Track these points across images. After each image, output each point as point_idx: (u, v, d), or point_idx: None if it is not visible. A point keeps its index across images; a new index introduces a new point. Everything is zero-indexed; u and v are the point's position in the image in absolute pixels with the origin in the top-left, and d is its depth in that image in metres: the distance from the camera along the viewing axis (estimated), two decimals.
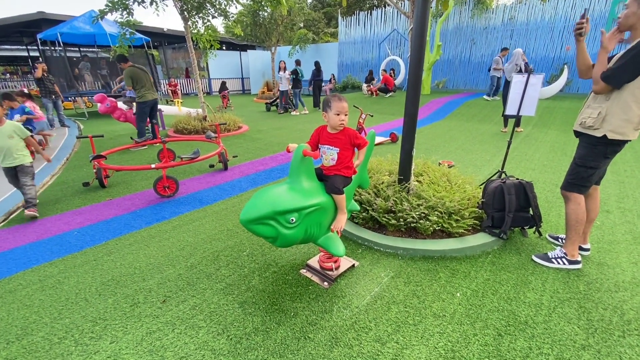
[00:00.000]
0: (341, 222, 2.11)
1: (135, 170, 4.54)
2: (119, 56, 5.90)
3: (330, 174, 2.12)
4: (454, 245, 2.69)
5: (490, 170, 4.79)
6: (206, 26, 7.61)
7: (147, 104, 5.87)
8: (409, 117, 3.01)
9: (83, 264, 2.64)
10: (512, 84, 3.05)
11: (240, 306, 2.11)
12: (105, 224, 3.34)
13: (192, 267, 2.56)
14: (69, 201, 3.95)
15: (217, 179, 4.66)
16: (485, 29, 12.92)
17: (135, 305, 2.16)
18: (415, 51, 2.80)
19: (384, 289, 2.26)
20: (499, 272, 2.42)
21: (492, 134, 7.32)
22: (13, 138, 3.39)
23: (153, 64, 13.56)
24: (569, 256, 2.44)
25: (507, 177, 3.06)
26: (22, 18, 12.69)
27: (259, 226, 1.77)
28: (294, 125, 8.93)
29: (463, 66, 13.98)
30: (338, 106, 1.99)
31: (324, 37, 22.58)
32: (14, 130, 3.42)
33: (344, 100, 2.01)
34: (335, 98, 2.01)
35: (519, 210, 2.78)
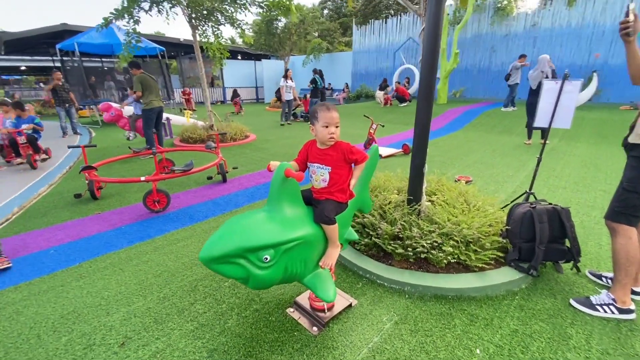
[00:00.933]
0: (332, 258, 1.74)
1: (124, 182, 4.31)
2: (131, 62, 5.82)
3: (321, 197, 1.75)
4: (472, 282, 2.25)
5: (514, 187, 4.29)
6: (215, 35, 7.48)
7: (153, 111, 5.73)
8: (420, 128, 2.63)
9: (48, 290, 2.36)
10: (543, 92, 2.62)
11: (209, 356, 1.76)
12: (85, 241, 3.08)
13: (164, 299, 2.22)
14: (58, 214, 3.73)
15: (214, 192, 4.37)
16: (506, 36, 12.38)
17: (90, 347, 1.83)
18: (428, 55, 2.43)
19: (385, 338, 1.85)
20: (529, 321, 1.96)
21: (514, 146, 6.78)
22: None
23: (167, 73, 13.70)
24: (618, 303, 1.96)
25: (537, 200, 2.61)
26: (47, 30, 13.08)
27: (223, 266, 1.42)
28: (303, 136, 8.62)
29: (482, 75, 13.43)
30: (326, 117, 1.64)
31: (339, 46, 22.48)
32: None
33: (333, 110, 1.66)
34: (323, 107, 1.66)
35: (552, 241, 2.33)
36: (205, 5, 6.59)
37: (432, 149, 6.61)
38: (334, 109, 1.67)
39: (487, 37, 12.94)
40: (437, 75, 9.91)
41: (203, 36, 7.34)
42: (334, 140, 1.69)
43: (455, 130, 8.85)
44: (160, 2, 6.23)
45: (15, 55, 18.81)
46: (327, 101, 11.32)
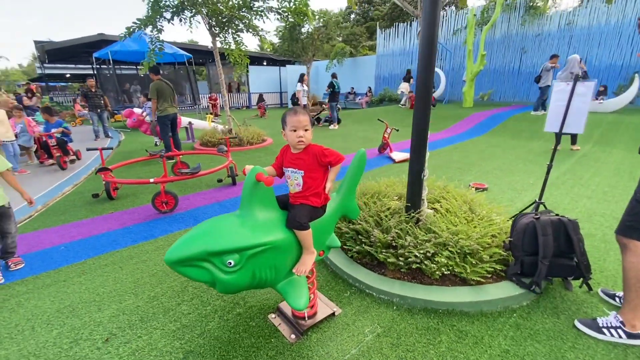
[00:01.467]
0: (306, 265, 1.69)
1: (135, 183, 4.49)
2: (152, 68, 6.07)
3: (296, 202, 1.72)
4: (466, 296, 2.11)
5: (533, 196, 4.02)
6: (236, 41, 7.68)
7: (168, 117, 5.96)
8: (417, 133, 2.53)
9: (51, 285, 2.49)
10: (553, 93, 2.43)
11: (184, 357, 1.76)
12: (94, 239, 3.24)
13: (153, 299, 2.28)
14: (75, 213, 3.96)
15: (222, 194, 4.45)
16: (538, 36, 11.72)
17: (76, 342, 1.91)
18: (424, 58, 2.34)
19: (363, 351, 1.77)
20: (524, 342, 1.80)
21: (540, 152, 6.37)
22: None
23: (194, 80, 14.26)
24: (627, 326, 1.76)
25: (546, 211, 2.42)
26: (85, 39, 14.10)
27: (188, 269, 1.42)
28: (321, 140, 8.62)
29: (512, 77, 12.79)
30: (292, 120, 1.62)
31: (363, 50, 22.36)
32: None
33: (300, 113, 1.63)
34: (290, 112, 1.65)
35: (558, 255, 2.14)
36: (225, 13, 6.79)
37: (451, 154, 6.38)
38: (302, 112, 1.65)
39: (517, 37, 12.33)
40: (463, 77, 9.79)
41: (224, 43, 7.56)
42: (303, 143, 1.66)
43: (478, 134, 8.48)
44: (181, 11, 6.50)
45: (60, 64, 20.33)
46: (349, 105, 11.25)
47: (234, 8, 6.86)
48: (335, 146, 7.56)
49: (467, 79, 11.96)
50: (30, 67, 43.76)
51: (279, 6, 7.10)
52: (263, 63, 22.20)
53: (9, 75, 39.49)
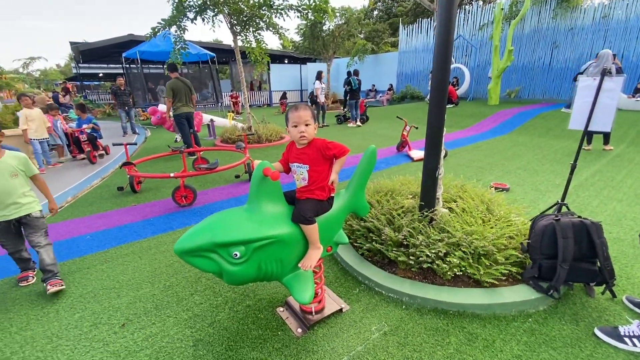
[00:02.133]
0: (312, 259, 1.70)
1: (156, 177, 4.65)
2: (169, 65, 6.24)
3: (302, 197, 1.73)
4: (479, 298, 2.05)
5: (559, 197, 3.82)
6: (257, 40, 7.79)
7: (181, 116, 6.08)
8: (432, 130, 2.47)
9: (76, 271, 2.64)
10: (579, 89, 2.31)
11: (193, 345, 1.83)
12: (118, 230, 3.40)
13: (168, 288, 2.36)
14: (101, 204, 4.17)
15: (239, 190, 4.54)
16: (571, 30, 11.12)
17: (95, 325, 2.01)
18: (440, 53, 2.28)
19: (369, 349, 1.76)
20: (538, 348, 1.73)
21: (569, 152, 6.05)
22: (16, 177, 2.28)
23: (217, 78, 14.59)
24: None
25: (568, 212, 2.30)
26: (116, 40, 14.75)
27: (195, 259, 1.47)
28: (339, 138, 8.60)
29: (542, 73, 12.21)
30: (293, 116, 1.64)
31: (384, 47, 22.04)
32: (18, 164, 2.31)
33: (301, 109, 1.64)
34: (292, 108, 1.68)
35: (579, 259, 2.03)
36: (246, 12, 6.89)
37: (472, 153, 6.19)
38: (303, 108, 1.67)
39: (548, 32, 11.75)
40: (489, 74, 9.45)
41: (245, 42, 7.68)
42: (305, 138, 1.67)
43: (503, 133, 8.17)
44: (204, 10, 6.66)
45: (93, 64, 21.37)
46: (369, 103, 11.11)
47: (254, 7, 6.95)
48: (353, 144, 7.52)
49: (492, 76, 11.54)
50: (66, 67, 46.35)
51: (299, 4, 7.13)
52: (284, 61, 22.38)
53: (47, 75, 41.98)
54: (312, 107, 1.71)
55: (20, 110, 5.60)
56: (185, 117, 6.14)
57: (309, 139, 1.69)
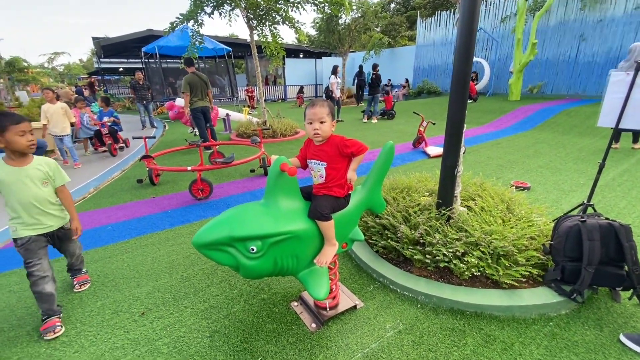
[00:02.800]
0: (327, 256, 1.70)
1: (174, 170, 4.74)
2: (186, 60, 6.30)
3: (319, 193, 1.72)
4: (497, 299, 2.00)
5: (583, 198, 3.68)
6: (273, 34, 7.78)
7: (197, 110, 6.13)
8: (452, 125, 2.41)
9: (98, 260, 2.73)
10: (610, 84, 2.20)
11: (210, 336, 1.86)
12: (137, 221, 3.49)
13: (186, 279, 2.41)
14: (121, 195, 4.29)
15: (254, 184, 4.58)
16: (600, 22, 10.59)
17: (116, 313, 2.08)
18: (462, 46, 2.21)
19: (383, 346, 1.75)
20: (559, 353, 1.68)
21: (594, 150, 5.81)
22: (47, 184, 1.97)
23: (232, 72, 14.70)
24: None
25: (595, 214, 2.21)
26: (136, 35, 15.06)
27: (213, 252, 1.49)
28: (354, 133, 8.53)
29: (567, 67, 11.70)
30: (309, 113, 1.64)
31: (401, 40, 21.64)
32: (49, 170, 1.98)
33: (317, 105, 1.63)
34: (309, 105, 1.67)
35: (606, 263, 1.95)
36: (262, 5, 6.88)
37: (492, 150, 6.03)
38: (319, 104, 1.64)
39: (575, 24, 11.23)
40: (510, 68, 9.14)
41: (262, 36, 7.69)
42: (319, 136, 1.65)
43: (524, 130, 7.91)
44: (221, 5, 6.69)
45: (114, 59, 21.88)
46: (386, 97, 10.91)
47: (271, 0, 6.93)
48: (369, 139, 7.45)
49: (514, 70, 11.14)
50: (89, 61, 47.67)
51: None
52: (299, 55, 22.32)
53: (71, 69, 43.35)
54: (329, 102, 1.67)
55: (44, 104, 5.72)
56: (202, 111, 6.19)
57: (324, 137, 1.67)
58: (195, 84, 5.99)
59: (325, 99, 1.72)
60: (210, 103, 6.40)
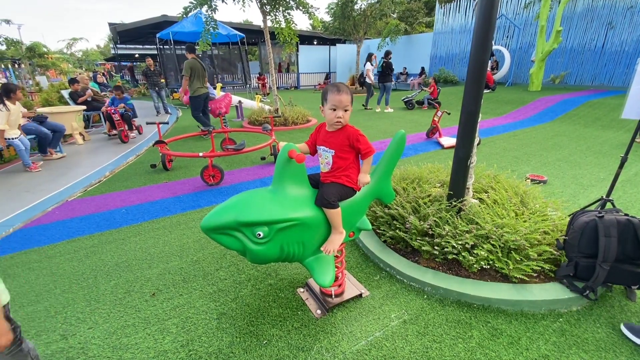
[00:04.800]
0: (334, 244, 1.69)
1: (186, 156, 4.79)
2: (188, 46, 6.17)
3: (326, 181, 1.71)
4: (506, 293, 1.97)
5: (602, 193, 3.55)
6: (287, 20, 7.66)
7: (200, 97, 6.07)
8: (466, 116, 2.33)
9: (112, 241, 2.82)
10: (637, 74, 2.08)
11: (217, 318, 1.90)
12: (150, 205, 3.57)
13: (195, 262, 2.47)
14: (135, 180, 4.38)
15: (265, 171, 4.60)
16: (630, 9, 10.02)
17: (128, 293, 2.15)
18: (480, 32, 2.12)
19: (387, 335, 1.76)
20: (568, 350, 1.65)
21: (617, 144, 5.57)
22: None
23: (246, 59, 14.63)
24: None
25: (614, 209, 2.12)
26: (150, 21, 15.11)
27: (220, 236, 1.51)
28: (364, 122, 8.41)
29: (593, 57, 11.18)
30: (334, 99, 1.58)
31: (418, 27, 21.01)
32: None
33: (343, 92, 1.58)
34: (333, 89, 1.60)
35: (623, 260, 1.88)
36: None
37: (508, 142, 5.86)
38: (345, 91, 1.59)
39: (603, 11, 10.66)
40: (532, 57, 8.84)
41: (275, 22, 7.58)
42: (340, 124, 1.62)
43: (544, 121, 7.64)
44: None
45: (130, 44, 22.07)
46: (400, 86, 10.70)
47: None
48: (381, 128, 7.35)
49: (536, 59, 10.71)
50: (106, 47, 48.32)
51: None
52: (313, 42, 22.00)
53: (88, 55, 44.06)
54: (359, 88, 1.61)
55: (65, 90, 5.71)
56: (204, 98, 6.13)
57: (344, 125, 1.64)
58: (197, 70, 5.90)
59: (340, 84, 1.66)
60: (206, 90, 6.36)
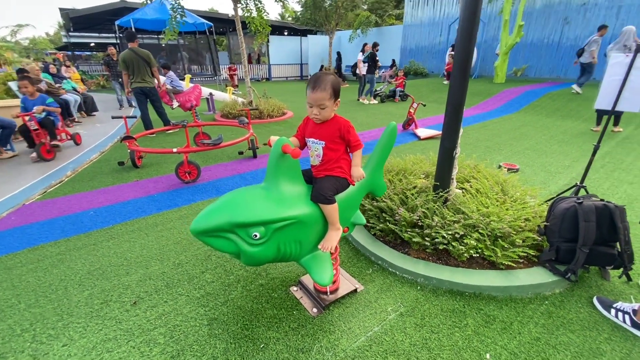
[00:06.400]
0: (332, 241, 1.64)
1: (158, 153, 4.54)
2: (126, 33, 5.63)
3: (320, 175, 1.65)
4: (495, 280, 2.03)
5: (568, 179, 3.79)
6: (258, 8, 7.40)
7: (136, 91, 5.51)
8: (452, 108, 2.35)
9: (82, 247, 2.59)
10: (609, 66, 2.18)
11: (208, 324, 1.80)
12: (121, 205, 3.32)
13: (178, 266, 2.32)
14: (102, 179, 4.07)
15: (243, 166, 4.45)
16: (584, 5, 10.69)
17: (106, 303, 1.98)
18: (466, 23, 2.13)
19: (386, 329, 1.75)
20: (556, 330, 1.73)
21: (577, 133, 5.96)
22: None
23: (214, 49, 14.06)
24: (637, 317, 1.68)
25: (587, 195, 2.24)
26: (107, 7, 14.05)
27: (213, 239, 1.40)
28: (341, 114, 8.38)
29: (550, 50, 11.85)
30: (309, 96, 1.54)
31: (389, 19, 21.21)
32: None
33: (318, 89, 1.50)
34: (310, 83, 1.54)
35: (599, 243, 1.99)
36: None
37: (479, 132, 6.08)
38: (321, 88, 1.50)
39: (560, 7, 11.30)
40: (496, 51, 9.14)
41: (246, 10, 7.30)
42: (318, 120, 1.57)
43: (510, 112, 8.02)
44: None
45: (84, 32, 20.45)
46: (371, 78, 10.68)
47: None
48: (359, 120, 7.36)
49: (500, 53, 11.18)
50: (56, 35, 44.42)
51: None
52: (284, 33, 21.57)
53: (37, 44, 40.30)
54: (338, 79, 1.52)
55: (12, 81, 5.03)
56: (142, 92, 5.52)
57: (324, 120, 1.58)
58: (131, 62, 5.29)
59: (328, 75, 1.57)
60: (157, 82, 5.80)
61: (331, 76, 1.57)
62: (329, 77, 1.56)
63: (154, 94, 5.78)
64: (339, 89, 1.60)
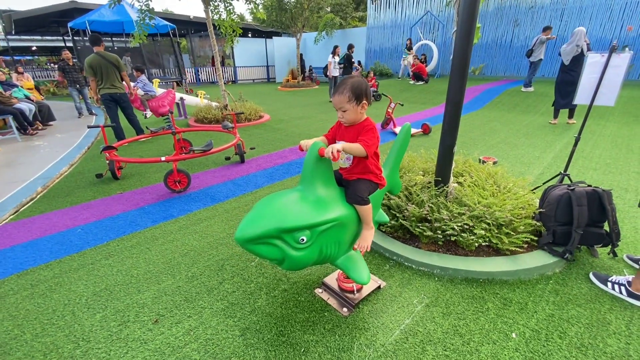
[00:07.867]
0: (367, 240, 1.69)
1: (145, 162, 4.32)
2: (90, 37, 5.28)
3: (351, 178, 1.69)
4: (504, 265, 2.19)
5: (542, 169, 4.14)
6: (228, 11, 7.25)
7: (105, 97, 5.09)
8: (452, 106, 2.51)
9: (79, 268, 2.40)
10: (587, 65, 2.44)
11: (241, 334, 1.77)
12: (110, 220, 3.12)
13: (192, 279, 2.24)
14: (81, 194, 3.78)
15: (233, 172, 4.35)
16: (531, 9, 11.67)
17: (124, 324, 1.87)
18: (465, 23, 2.27)
19: (417, 321, 1.83)
20: (565, 306, 1.91)
21: (538, 126, 6.51)
22: None
23: (179, 52, 13.52)
24: (632, 288, 1.92)
25: (575, 182, 2.49)
26: (55, 8, 12.96)
27: (259, 246, 1.39)
28: (317, 115, 8.48)
29: (503, 51, 12.81)
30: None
31: (352, 21, 21.66)
32: None
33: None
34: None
35: (590, 225, 2.23)
36: None
37: None
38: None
39: (510, 10, 12.24)
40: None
41: (215, 12, 7.12)
42: (345, 122, 1.65)
43: (476, 109, 8.54)
44: None
45: (26, 35, 18.75)
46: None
47: None
48: (332, 122, 7.45)
49: None
50: None
51: None
52: (248, 35, 21.23)
53: None
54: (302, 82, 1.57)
55: None
56: (112, 99, 5.18)
57: (349, 123, 1.63)
58: (98, 67, 4.99)
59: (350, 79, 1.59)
60: (128, 88, 5.52)
61: (352, 80, 1.57)
62: (349, 81, 1.58)
63: (125, 100, 5.44)
64: (361, 92, 1.57)
